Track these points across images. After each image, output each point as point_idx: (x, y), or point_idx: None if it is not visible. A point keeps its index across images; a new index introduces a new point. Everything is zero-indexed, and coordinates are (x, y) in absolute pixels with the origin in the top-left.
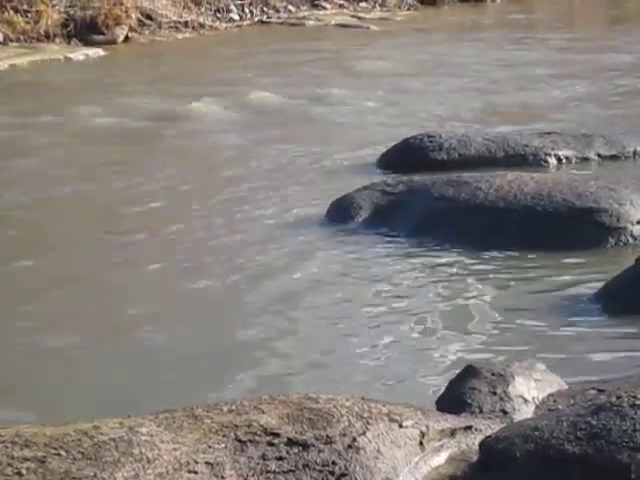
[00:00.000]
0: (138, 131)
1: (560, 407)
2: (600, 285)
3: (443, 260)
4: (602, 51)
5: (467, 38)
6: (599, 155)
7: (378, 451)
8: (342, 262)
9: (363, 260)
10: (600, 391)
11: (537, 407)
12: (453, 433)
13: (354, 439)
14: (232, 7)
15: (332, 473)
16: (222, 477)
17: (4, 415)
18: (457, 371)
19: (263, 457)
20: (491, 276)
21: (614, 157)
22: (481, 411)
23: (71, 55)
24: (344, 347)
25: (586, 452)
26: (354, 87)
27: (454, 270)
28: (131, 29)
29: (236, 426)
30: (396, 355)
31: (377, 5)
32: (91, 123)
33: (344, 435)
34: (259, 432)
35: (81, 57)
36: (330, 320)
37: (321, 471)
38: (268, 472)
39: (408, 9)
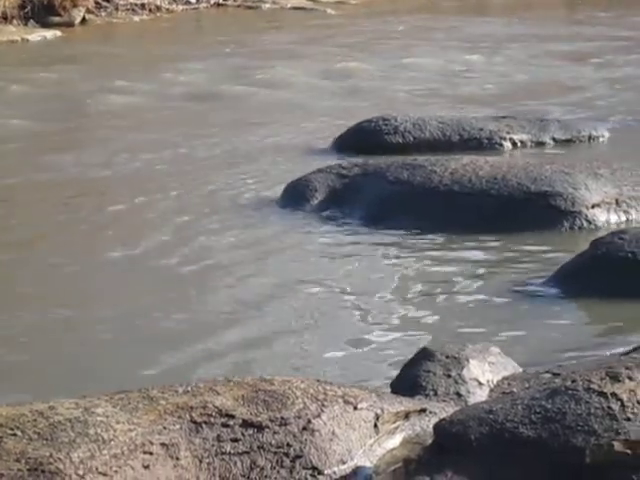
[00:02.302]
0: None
1: (515, 390)
2: (555, 269)
3: (397, 243)
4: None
5: (425, 19)
6: (554, 139)
7: (333, 433)
8: (295, 245)
9: (317, 243)
10: (555, 375)
11: (491, 390)
12: (407, 416)
13: (309, 421)
14: None
15: (287, 455)
16: (177, 458)
17: None
18: (412, 354)
19: (218, 438)
20: (446, 260)
21: (569, 141)
22: (435, 394)
23: (28, 37)
24: (296, 330)
25: (541, 436)
26: (308, 68)
27: (408, 254)
28: (88, 11)
29: (191, 407)
30: (350, 338)
31: None
32: None
33: (299, 417)
34: (214, 414)
35: (38, 39)
36: (282, 303)
37: (276, 453)
38: (223, 453)
39: None
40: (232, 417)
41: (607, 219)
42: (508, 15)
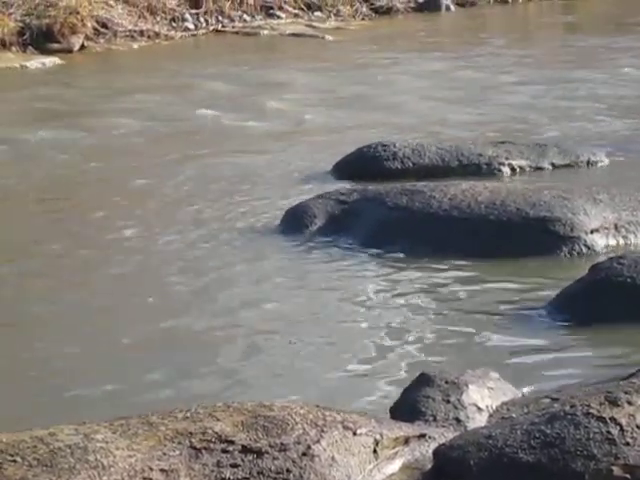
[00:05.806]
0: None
1: (514, 415)
2: (554, 294)
3: (397, 269)
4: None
5: (423, 45)
6: (553, 164)
7: (332, 459)
8: (295, 271)
9: (316, 269)
10: (554, 400)
11: (491, 415)
12: (407, 441)
13: (309, 447)
14: (187, 16)
15: None
16: None
17: None
18: (411, 379)
19: (218, 464)
20: (444, 286)
21: (568, 166)
22: (435, 419)
23: (27, 63)
24: (296, 356)
25: (540, 460)
26: (305, 95)
27: (407, 279)
28: (87, 38)
29: (191, 433)
30: (350, 364)
31: (332, 15)
32: None
33: (299, 443)
34: (214, 439)
35: (37, 65)
36: (281, 330)
37: (275, 478)
38: (223, 479)
39: (362, 19)
40: (232, 443)
41: (606, 244)
42: (500, 45)
